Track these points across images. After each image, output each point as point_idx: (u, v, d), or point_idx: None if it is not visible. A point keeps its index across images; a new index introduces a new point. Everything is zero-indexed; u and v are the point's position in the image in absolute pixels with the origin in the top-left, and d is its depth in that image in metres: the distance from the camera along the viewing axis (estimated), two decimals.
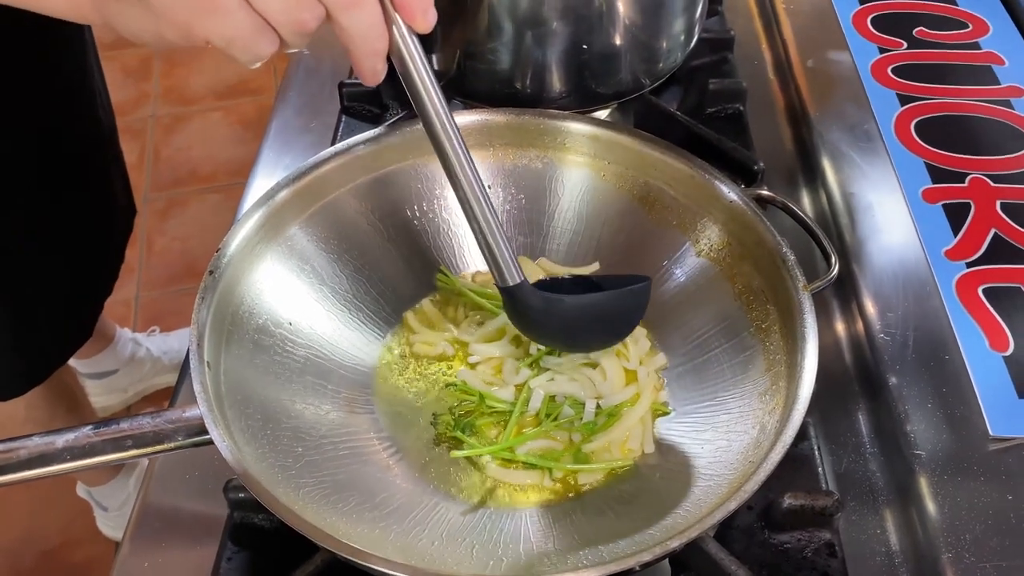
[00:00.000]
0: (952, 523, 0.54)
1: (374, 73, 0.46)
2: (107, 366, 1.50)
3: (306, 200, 0.59)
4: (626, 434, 0.56)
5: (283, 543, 0.54)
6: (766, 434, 0.50)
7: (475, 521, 0.52)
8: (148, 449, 0.50)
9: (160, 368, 1.57)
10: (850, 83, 0.81)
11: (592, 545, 0.49)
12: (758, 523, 0.55)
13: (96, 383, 1.51)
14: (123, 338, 1.51)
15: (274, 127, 0.84)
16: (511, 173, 0.66)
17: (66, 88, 0.92)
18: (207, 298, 0.52)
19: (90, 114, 0.97)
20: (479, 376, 0.59)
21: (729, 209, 0.59)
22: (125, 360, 1.51)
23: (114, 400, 1.54)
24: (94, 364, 1.49)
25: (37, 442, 0.49)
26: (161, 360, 1.57)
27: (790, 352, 0.52)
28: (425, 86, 0.48)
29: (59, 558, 1.44)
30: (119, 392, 1.53)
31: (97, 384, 1.51)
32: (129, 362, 1.52)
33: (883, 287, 0.66)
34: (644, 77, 0.76)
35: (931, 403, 0.59)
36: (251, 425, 0.51)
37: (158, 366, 1.56)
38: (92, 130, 0.99)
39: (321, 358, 0.58)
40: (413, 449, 0.56)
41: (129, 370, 1.52)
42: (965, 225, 0.67)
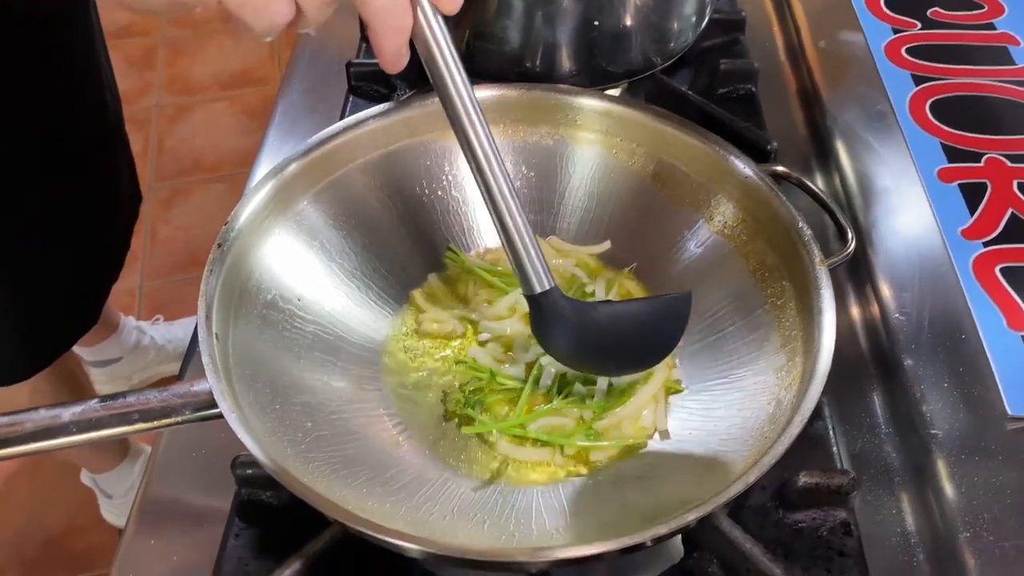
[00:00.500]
0: (970, 503, 0.53)
1: (397, 55, 0.43)
2: (111, 354, 1.49)
3: (316, 174, 0.58)
4: (638, 412, 0.55)
5: (291, 520, 0.53)
6: (782, 409, 0.49)
7: (486, 497, 0.51)
8: (155, 423, 0.49)
9: (164, 356, 1.56)
10: (863, 64, 0.81)
11: (605, 520, 0.48)
12: (772, 502, 0.54)
13: (100, 371, 1.50)
14: (127, 326, 1.51)
15: (280, 108, 0.83)
16: (521, 150, 0.65)
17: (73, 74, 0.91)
18: (215, 270, 0.51)
19: (97, 100, 0.97)
20: (489, 353, 0.59)
21: (744, 185, 0.58)
22: (129, 348, 1.51)
23: (118, 388, 1.54)
24: (98, 352, 1.48)
25: (43, 415, 0.48)
26: (165, 348, 1.56)
27: (806, 327, 0.51)
28: (451, 74, 0.45)
29: (63, 546, 1.44)
30: (123, 380, 1.53)
31: (101, 372, 1.51)
32: (133, 350, 1.51)
33: (898, 267, 0.65)
34: (655, 56, 0.75)
35: (947, 383, 0.58)
36: (259, 399, 0.50)
37: (162, 354, 1.56)
38: (99, 116, 0.98)
39: (330, 335, 0.57)
40: (423, 426, 0.56)
41: (133, 358, 1.52)
42: (982, 205, 0.66)
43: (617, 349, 0.53)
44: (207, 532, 0.55)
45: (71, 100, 0.91)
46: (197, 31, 2.33)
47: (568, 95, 0.63)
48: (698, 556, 0.52)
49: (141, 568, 0.54)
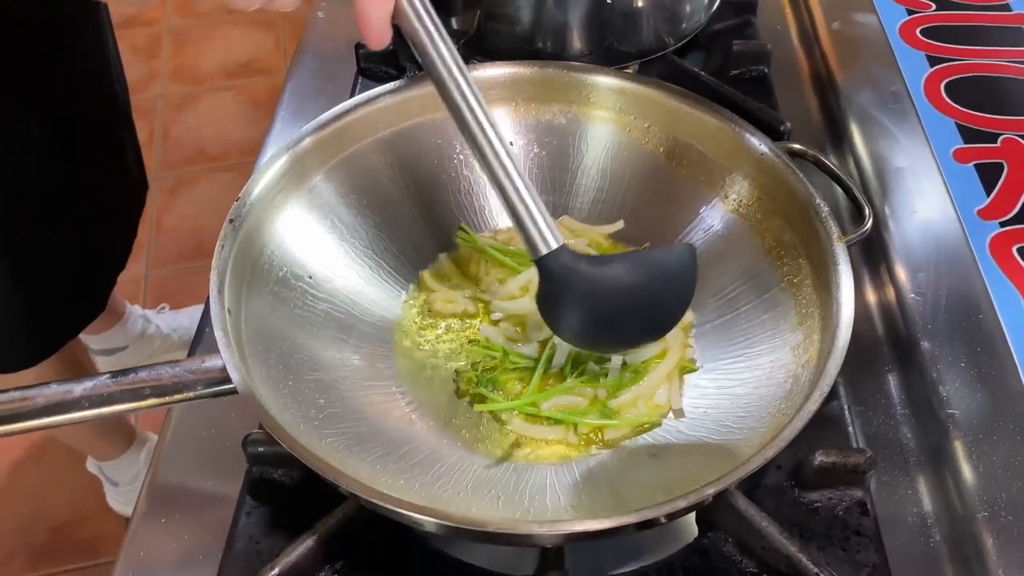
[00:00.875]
0: (988, 482, 0.53)
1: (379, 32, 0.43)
2: (117, 342, 1.49)
3: (329, 150, 0.58)
4: (653, 390, 0.55)
5: (303, 498, 0.53)
6: (800, 386, 0.48)
7: (499, 474, 0.51)
8: (167, 398, 0.48)
9: (170, 345, 1.56)
10: (877, 45, 0.80)
11: (619, 498, 0.48)
12: (788, 482, 0.54)
13: (106, 359, 1.50)
14: (133, 315, 1.51)
15: (289, 89, 0.83)
16: (534, 129, 0.64)
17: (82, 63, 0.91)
18: (227, 245, 0.51)
19: (106, 89, 0.97)
20: (502, 332, 0.58)
21: (760, 162, 0.57)
22: (135, 337, 1.50)
23: None
24: (104, 340, 1.48)
25: (55, 390, 0.48)
26: (171, 337, 1.56)
27: (824, 304, 0.51)
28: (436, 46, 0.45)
29: (69, 533, 1.44)
30: None
31: (107, 361, 1.50)
32: (139, 339, 1.51)
33: (914, 248, 0.64)
34: (667, 37, 0.74)
35: (964, 362, 0.57)
36: (272, 375, 0.50)
37: (167, 343, 1.56)
38: (107, 105, 0.98)
39: (341, 312, 0.57)
40: (436, 404, 0.55)
41: (139, 347, 1.52)
42: (998, 185, 0.65)
43: (631, 315, 0.51)
44: (218, 512, 0.55)
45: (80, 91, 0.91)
46: (202, 20, 2.32)
47: (581, 72, 0.63)
48: (713, 535, 0.52)
49: (152, 547, 0.54)
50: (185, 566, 0.53)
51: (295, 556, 0.48)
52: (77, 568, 1.40)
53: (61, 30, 0.86)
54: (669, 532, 0.53)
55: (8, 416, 0.46)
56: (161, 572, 0.53)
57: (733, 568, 0.50)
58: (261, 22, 2.32)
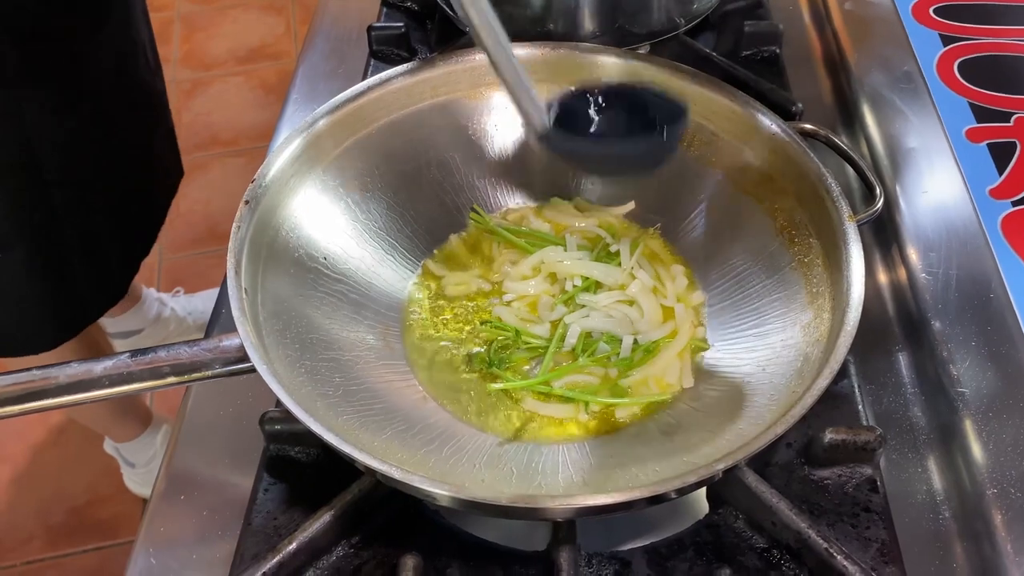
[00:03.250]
0: (997, 460, 0.53)
1: None
2: (133, 325, 1.51)
3: (342, 132, 0.58)
4: (664, 369, 0.55)
5: (319, 474, 0.54)
6: (810, 364, 0.49)
7: (512, 451, 0.51)
8: (185, 376, 0.49)
9: (185, 328, 1.57)
10: (890, 25, 0.79)
11: (630, 474, 0.48)
12: (798, 459, 0.54)
13: (121, 343, 1.52)
14: (149, 298, 1.52)
15: (302, 71, 0.83)
16: None
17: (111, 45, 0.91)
18: (243, 227, 0.52)
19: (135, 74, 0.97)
20: (514, 313, 0.59)
21: (771, 141, 0.57)
22: (151, 320, 1.52)
23: None
24: (121, 323, 1.49)
25: (76, 369, 0.49)
26: (186, 320, 1.58)
27: (834, 283, 0.51)
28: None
29: (87, 515, 1.46)
30: None
31: (123, 344, 1.52)
32: (155, 322, 1.53)
33: (925, 228, 0.65)
34: (678, 17, 0.74)
35: (975, 341, 0.58)
36: (289, 354, 0.50)
37: (183, 326, 1.57)
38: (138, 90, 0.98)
39: (356, 293, 0.58)
40: (448, 384, 0.56)
41: (154, 330, 1.53)
42: (1011, 164, 0.65)
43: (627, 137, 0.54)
44: (236, 489, 0.56)
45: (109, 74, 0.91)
46: (212, 6, 2.33)
47: (593, 53, 0.63)
48: (723, 512, 0.52)
49: (171, 524, 0.55)
50: (204, 542, 0.54)
51: (312, 531, 0.49)
52: (95, 548, 1.42)
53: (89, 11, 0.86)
54: (680, 508, 0.53)
55: (31, 394, 0.47)
56: (181, 548, 0.54)
57: (743, 544, 0.51)
58: (271, 7, 2.32)
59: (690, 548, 0.51)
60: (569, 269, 0.59)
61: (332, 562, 0.50)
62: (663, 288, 0.59)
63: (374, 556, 0.51)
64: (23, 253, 0.88)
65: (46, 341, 1.01)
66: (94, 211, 0.93)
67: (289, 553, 0.48)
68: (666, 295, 0.58)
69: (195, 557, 0.54)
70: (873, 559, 0.50)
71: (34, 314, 0.95)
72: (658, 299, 0.58)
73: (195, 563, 0.53)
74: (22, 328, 0.97)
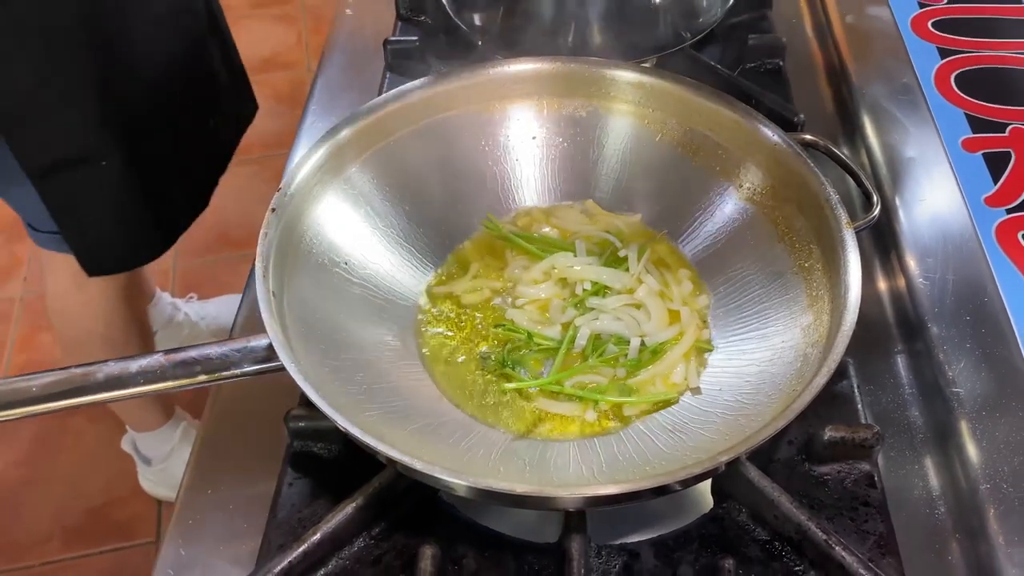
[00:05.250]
0: (990, 457, 0.55)
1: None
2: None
3: (364, 142, 0.61)
4: (670, 369, 0.58)
5: (340, 470, 0.57)
6: (809, 364, 0.51)
7: (525, 447, 0.54)
8: (216, 375, 0.52)
9: (197, 333, 1.60)
10: (890, 38, 0.82)
11: (638, 468, 0.51)
12: (799, 456, 0.57)
13: None
14: (162, 300, 1.55)
15: (320, 84, 0.86)
16: (557, 121, 0.67)
17: None
18: (270, 233, 0.54)
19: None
20: (526, 316, 0.61)
21: (773, 152, 0.60)
22: (164, 322, 1.55)
23: None
24: None
25: (113, 367, 0.51)
26: (198, 325, 1.60)
27: (833, 287, 0.53)
28: None
29: (103, 516, 1.48)
30: None
31: None
32: (167, 325, 1.55)
33: (922, 235, 0.67)
34: (684, 31, 0.77)
35: (970, 343, 0.60)
36: (314, 355, 0.53)
37: (195, 331, 1.60)
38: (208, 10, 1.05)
39: (376, 297, 0.60)
40: (463, 384, 0.58)
41: (167, 333, 1.56)
42: (1006, 173, 0.67)
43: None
44: (261, 484, 0.58)
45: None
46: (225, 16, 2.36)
47: (601, 67, 0.65)
48: (727, 506, 0.55)
49: (200, 517, 0.58)
50: (231, 535, 0.57)
51: (335, 522, 0.51)
52: (112, 550, 1.45)
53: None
54: (686, 502, 0.56)
55: (72, 390, 0.50)
56: (209, 541, 0.56)
57: (746, 536, 0.53)
58: (283, 18, 2.36)
59: (696, 540, 0.53)
60: (579, 274, 0.62)
61: (354, 552, 0.53)
62: (669, 292, 0.61)
63: (394, 546, 0.53)
64: (119, 162, 0.93)
65: (152, 250, 1.06)
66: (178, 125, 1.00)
67: (314, 543, 0.51)
68: (672, 298, 0.61)
69: (222, 548, 0.56)
70: (871, 551, 0.52)
71: (137, 223, 1.01)
72: (665, 302, 0.61)
73: (223, 554, 0.56)
74: (129, 239, 1.03)
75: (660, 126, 0.65)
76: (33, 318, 1.77)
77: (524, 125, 0.67)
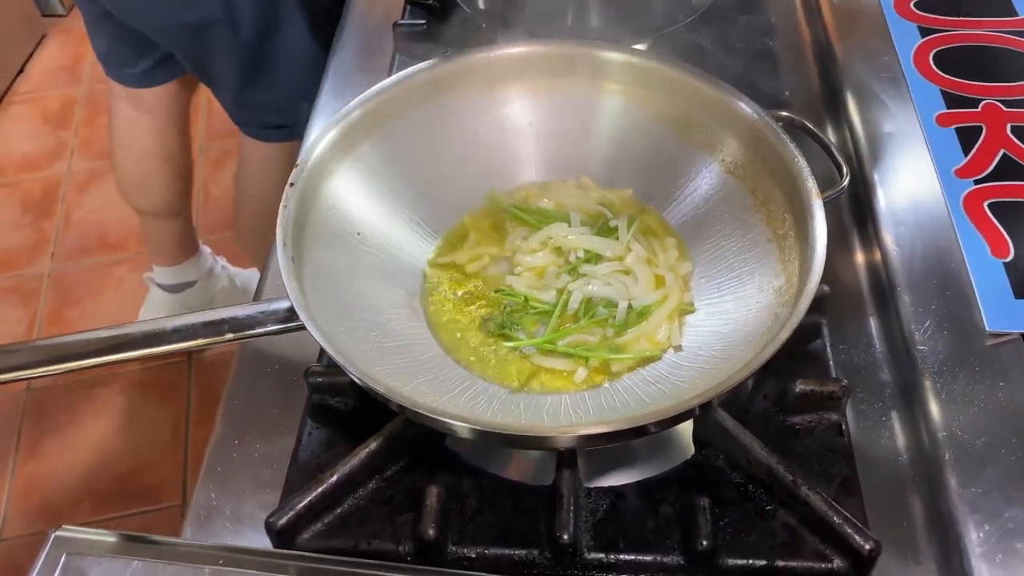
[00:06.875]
0: (949, 408, 0.60)
1: None
2: (189, 276, 1.62)
3: (372, 123, 0.66)
4: (655, 329, 0.63)
5: (355, 421, 0.62)
6: (779, 322, 0.56)
7: (522, 399, 0.59)
8: (242, 333, 0.58)
9: (233, 289, 1.68)
10: (874, 17, 0.86)
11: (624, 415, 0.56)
12: (773, 408, 0.62)
13: (172, 297, 1.62)
14: (205, 252, 1.66)
15: (333, 65, 0.91)
16: (550, 101, 0.72)
17: None
18: (289, 205, 0.60)
19: None
20: (524, 282, 0.67)
21: (751, 127, 0.64)
22: (205, 272, 1.64)
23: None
24: (179, 273, 1.61)
25: (149, 325, 0.57)
26: (234, 281, 1.69)
27: (803, 252, 0.58)
28: None
29: (132, 481, 1.55)
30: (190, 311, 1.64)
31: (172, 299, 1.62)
32: (207, 276, 1.65)
33: (896, 205, 0.71)
34: (677, 13, 0.81)
35: (935, 305, 0.65)
36: (330, 316, 0.58)
37: (231, 287, 1.68)
38: None
39: (386, 263, 0.66)
40: (466, 343, 0.64)
41: (205, 284, 1.64)
42: (976, 146, 0.72)
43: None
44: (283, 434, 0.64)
45: None
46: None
47: (593, 49, 0.70)
48: (706, 453, 0.60)
49: (228, 461, 0.63)
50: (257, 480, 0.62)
51: (351, 466, 0.57)
52: (141, 512, 1.52)
53: None
54: (670, 450, 0.61)
55: (114, 347, 0.56)
56: (237, 485, 0.62)
57: (723, 479, 0.59)
58: None
59: (676, 483, 0.59)
60: (573, 243, 0.67)
61: (367, 493, 0.59)
62: (656, 259, 0.66)
63: (402, 488, 0.59)
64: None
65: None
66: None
67: (331, 484, 0.57)
68: (659, 265, 0.66)
69: (249, 492, 0.62)
70: (836, 491, 0.58)
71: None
72: (652, 268, 0.66)
73: (249, 497, 0.62)
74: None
75: (648, 104, 0.70)
76: (61, 294, 1.84)
77: (522, 104, 0.71)
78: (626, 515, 0.57)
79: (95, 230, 1.95)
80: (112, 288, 1.85)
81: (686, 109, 0.68)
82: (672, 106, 0.69)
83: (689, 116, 0.68)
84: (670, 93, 0.68)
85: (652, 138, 0.70)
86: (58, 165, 2.09)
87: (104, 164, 1.97)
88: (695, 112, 0.68)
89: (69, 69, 2.32)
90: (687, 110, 0.68)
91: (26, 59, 2.33)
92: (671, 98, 0.68)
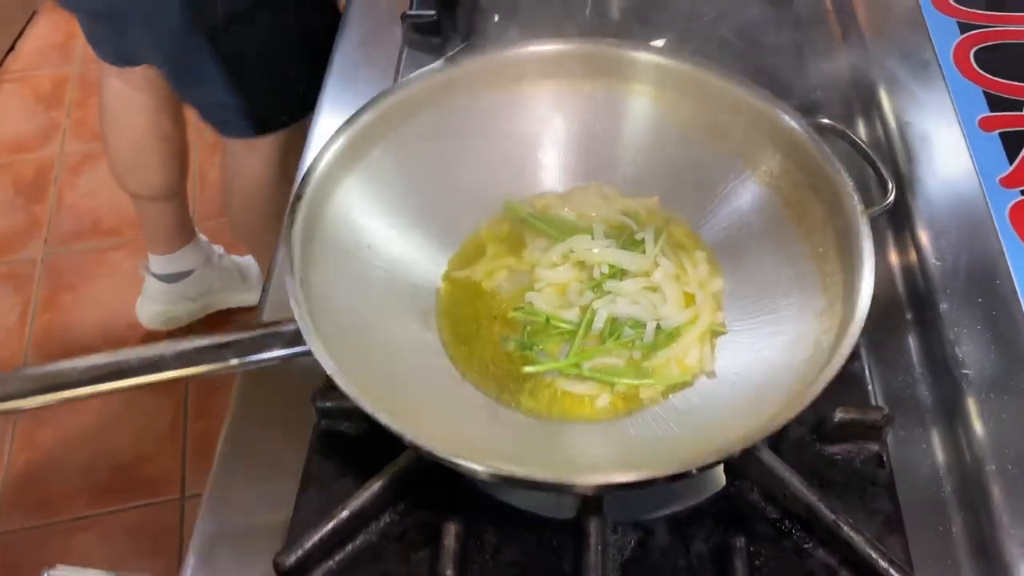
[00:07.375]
0: (997, 438, 0.57)
1: None
2: (186, 265, 1.58)
3: (380, 130, 0.62)
4: (685, 352, 0.59)
5: (366, 448, 0.59)
6: (822, 351, 0.52)
7: (544, 429, 0.56)
8: (246, 359, 0.54)
9: (231, 277, 1.64)
10: (909, 12, 0.81)
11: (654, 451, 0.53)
12: (810, 436, 0.59)
13: (169, 287, 1.58)
14: (202, 240, 1.62)
15: (337, 58, 0.87)
16: (575, 103, 0.68)
17: None
18: (294, 220, 0.56)
19: None
20: (545, 299, 0.63)
21: (790, 137, 0.60)
22: (202, 261, 1.60)
23: (181, 310, 1.62)
24: (176, 262, 1.57)
25: (146, 352, 0.53)
26: (231, 271, 1.64)
27: (846, 273, 0.54)
28: None
29: (131, 473, 1.53)
30: (187, 301, 1.61)
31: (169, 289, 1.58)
32: (205, 264, 1.61)
33: (936, 214, 0.68)
34: (703, 7, 0.77)
35: (980, 325, 0.61)
36: (339, 338, 0.54)
37: (226, 277, 1.64)
38: None
39: (397, 280, 0.62)
40: (483, 367, 0.60)
41: (203, 273, 1.61)
42: (1022, 153, 0.68)
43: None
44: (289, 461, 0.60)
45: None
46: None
47: (619, 48, 0.66)
48: (739, 484, 0.57)
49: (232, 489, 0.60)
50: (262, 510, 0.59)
51: (363, 499, 0.54)
52: (139, 505, 1.50)
53: None
54: (699, 481, 0.58)
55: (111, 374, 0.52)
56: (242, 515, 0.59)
57: (757, 514, 0.55)
58: None
59: (708, 517, 0.56)
60: (597, 257, 0.63)
61: (380, 527, 0.55)
62: (685, 275, 0.62)
63: (418, 522, 0.56)
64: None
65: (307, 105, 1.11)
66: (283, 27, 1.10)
67: (342, 519, 0.53)
68: (688, 281, 0.62)
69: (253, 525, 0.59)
70: (878, 529, 0.54)
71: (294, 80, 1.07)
72: (680, 285, 0.62)
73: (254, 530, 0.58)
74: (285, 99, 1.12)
75: (677, 108, 0.66)
76: (55, 279, 1.80)
77: (543, 107, 0.67)
78: (655, 554, 0.54)
79: (89, 214, 1.91)
80: (107, 274, 1.81)
81: (719, 114, 0.64)
82: (704, 111, 0.64)
83: (722, 121, 0.64)
84: (702, 97, 0.64)
85: (681, 144, 0.66)
86: (50, 147, 2.04)
87: (97, 146, 1.92)
88: (729, 118, 0.63)
89: (61, 47, 2.26)
90: (720, 115, 0.64)
91: (16, 37, 2.27)
92: (703, 103, 0.64)
